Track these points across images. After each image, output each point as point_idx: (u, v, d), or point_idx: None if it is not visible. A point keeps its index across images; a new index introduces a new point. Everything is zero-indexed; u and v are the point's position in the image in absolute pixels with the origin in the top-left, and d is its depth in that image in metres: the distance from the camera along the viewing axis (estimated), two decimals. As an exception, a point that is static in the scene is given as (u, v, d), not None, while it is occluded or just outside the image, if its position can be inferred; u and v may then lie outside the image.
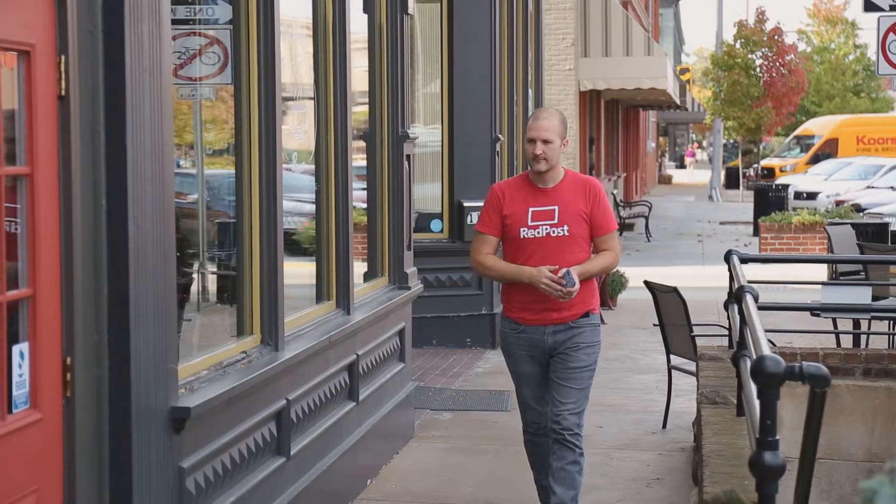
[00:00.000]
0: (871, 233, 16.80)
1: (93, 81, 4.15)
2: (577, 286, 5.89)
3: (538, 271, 5.92)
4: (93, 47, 4.15)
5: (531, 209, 5.98)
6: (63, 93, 3.96)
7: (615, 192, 28.00)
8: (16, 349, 3.79)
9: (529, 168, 6.05)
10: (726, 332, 8.32)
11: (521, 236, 5.98)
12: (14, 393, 3.78)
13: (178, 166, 6.06)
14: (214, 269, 6.59)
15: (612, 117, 31.59)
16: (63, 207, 3.99)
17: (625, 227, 26.40)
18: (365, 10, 7.91)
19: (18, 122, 3.82)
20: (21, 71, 3.80)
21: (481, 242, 6.10)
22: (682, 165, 72.19)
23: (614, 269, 13.26)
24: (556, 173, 6.03)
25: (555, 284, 5.88)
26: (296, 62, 6.94)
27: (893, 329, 10.70)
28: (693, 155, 70.58)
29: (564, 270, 5.87)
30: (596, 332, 6.10)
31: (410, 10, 8.23)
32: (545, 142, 5.92)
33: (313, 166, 7.03)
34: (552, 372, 6.05)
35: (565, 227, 5.94)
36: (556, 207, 5.96)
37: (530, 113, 14.46)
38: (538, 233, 5.97)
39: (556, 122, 5.99)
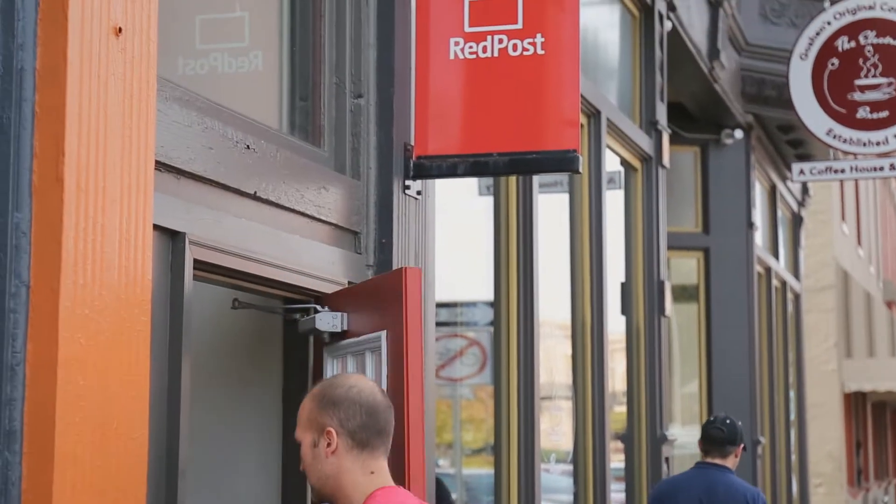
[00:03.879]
0: None
1: (360, 383, 4.32)
2: None
3: None
4: (361, 351, 4.34)
5: None
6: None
7: (886, 499, 26.75)
8: None
9: None
10: None
11: None
12: None
13: (438, 466, 6.15)
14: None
15: (881, 419, 30.50)
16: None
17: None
18: (623, 312, 8.01)
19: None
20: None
21: None
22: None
23: None
24: None
25: None
26: (553, 362, 7.04)
27: None
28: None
29: None
30: None
31: (668, 313, 8.29)
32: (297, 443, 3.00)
33: (571, 467, 7.01)
34: None
35: None
36: None
37: (791, 416, 14.15)
38: None
39: (307, 405, 2.97)
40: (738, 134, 11.04)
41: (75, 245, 2.62)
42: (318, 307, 3.98)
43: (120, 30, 2.75)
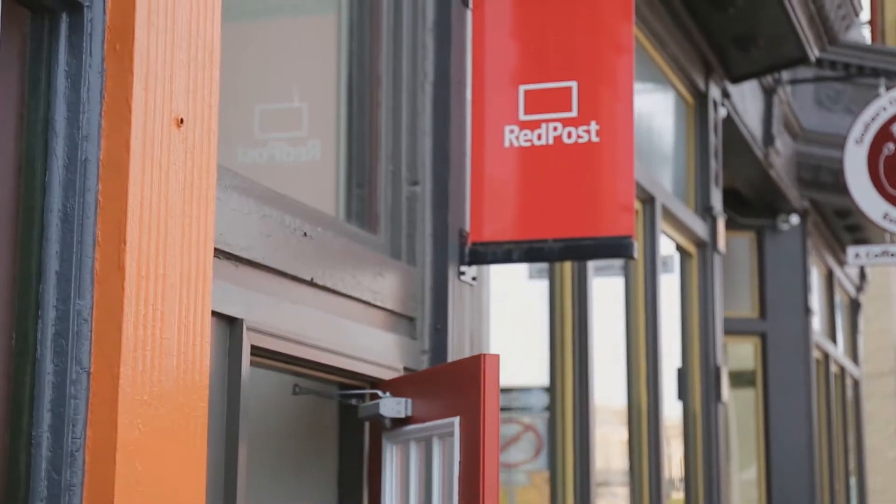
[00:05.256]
0: None
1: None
2: None
3: None
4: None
5: None
6: None
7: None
8: None
9: None
10: None
11: None
12: None
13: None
14: None
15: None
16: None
17: None
18: (679, 397, 7.96)
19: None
20: None
21: None
22: None
23: None
24: None
25: None
26: (609, 448, 7.00)
27: None
28: None
29: None
30: None
31: (724, 399, 8.23)
32: None
33: (626, 555, 6.95)
34: None
35: None
36: None
37: (853, 502, 13.96)
38: None
39: None
40: (795, 219, 11.01)
41: (135, 331, 2.66)
42: (380, 392, 3.99)
43: (181, 121, 2.81)
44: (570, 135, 4.49)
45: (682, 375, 7.95)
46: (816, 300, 12.04)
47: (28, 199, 2.61)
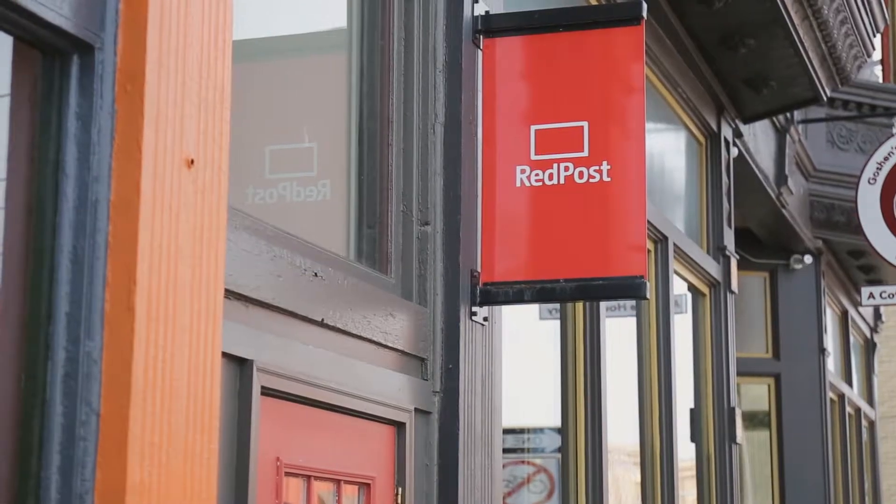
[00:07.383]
0: None
1: (427, 514, 4.31)
2: None
3: None
4: (428, 479, 4.32)
5: None
6: (398, 526, 4.11)
7: None
8: None
9: None
10: None
11: None
12: None
13: None
14: None
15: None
16: None
17: None
18: (692, 439, 7.92)
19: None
20: (361, 501, 3.98)
21: None
22: None
23: None
24: None
25: None
26: (622, 489, 6.96)
27: None
28: None
29: None
30: None
31: (739, 440, 8.18)
32: None
33: None
34: None
35: None
36: None
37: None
38: None
39: None
40: (808, 259, 10.98)
41: (145, 373, 2.65)
42: None
43: (192, 161, 2.81)
44: (581, 174, 4.49)
45: (696, 416, 7.91)
46: (831, 340, 11.99)
47: (38, 240, 2.61)
